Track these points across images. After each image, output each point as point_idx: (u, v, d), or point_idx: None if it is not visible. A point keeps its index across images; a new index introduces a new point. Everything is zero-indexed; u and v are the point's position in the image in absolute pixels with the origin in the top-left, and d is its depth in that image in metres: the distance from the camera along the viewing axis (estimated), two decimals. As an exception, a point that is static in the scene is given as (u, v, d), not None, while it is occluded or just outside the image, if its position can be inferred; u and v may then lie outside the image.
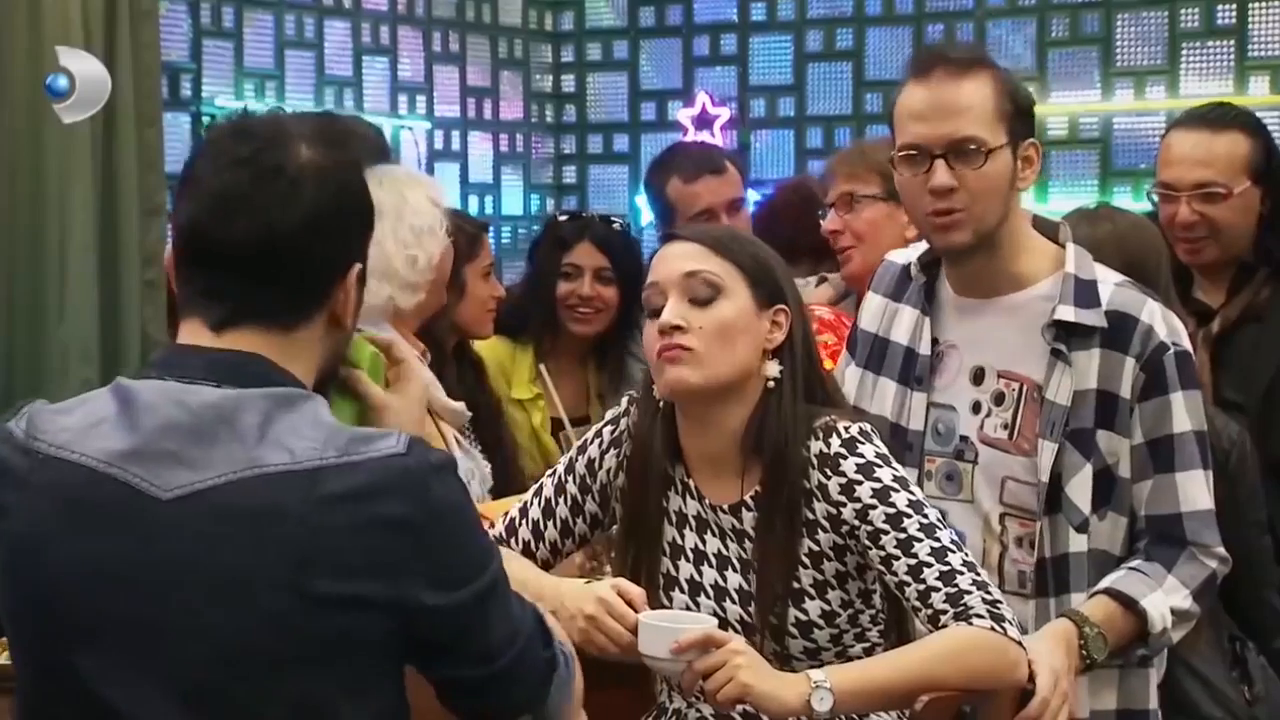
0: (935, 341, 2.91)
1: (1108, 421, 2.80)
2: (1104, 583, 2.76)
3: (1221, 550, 2.83)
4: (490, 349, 4.13)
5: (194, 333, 1.96)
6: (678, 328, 2.55)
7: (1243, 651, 3.28)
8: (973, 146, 2.77)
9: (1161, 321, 2.82)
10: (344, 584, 1.85)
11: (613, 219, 4.40)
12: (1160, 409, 2.81)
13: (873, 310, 3.03)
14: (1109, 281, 2.85)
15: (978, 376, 2.88)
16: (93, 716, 1.88)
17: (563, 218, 4.40)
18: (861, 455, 2.55)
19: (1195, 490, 2.82)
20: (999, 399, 2.86)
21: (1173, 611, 2.75)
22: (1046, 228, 2.92)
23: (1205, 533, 2.82)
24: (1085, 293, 2.82)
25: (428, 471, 1.90)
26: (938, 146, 2.78)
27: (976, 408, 2.87)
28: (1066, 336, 2.81)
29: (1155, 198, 3.80)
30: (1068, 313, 2.80)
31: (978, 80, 2.80)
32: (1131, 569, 2.78)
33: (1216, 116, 3.79)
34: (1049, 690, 2.51)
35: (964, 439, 2.88)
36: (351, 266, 2.00)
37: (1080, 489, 2.80)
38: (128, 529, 1.86)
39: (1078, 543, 2.80)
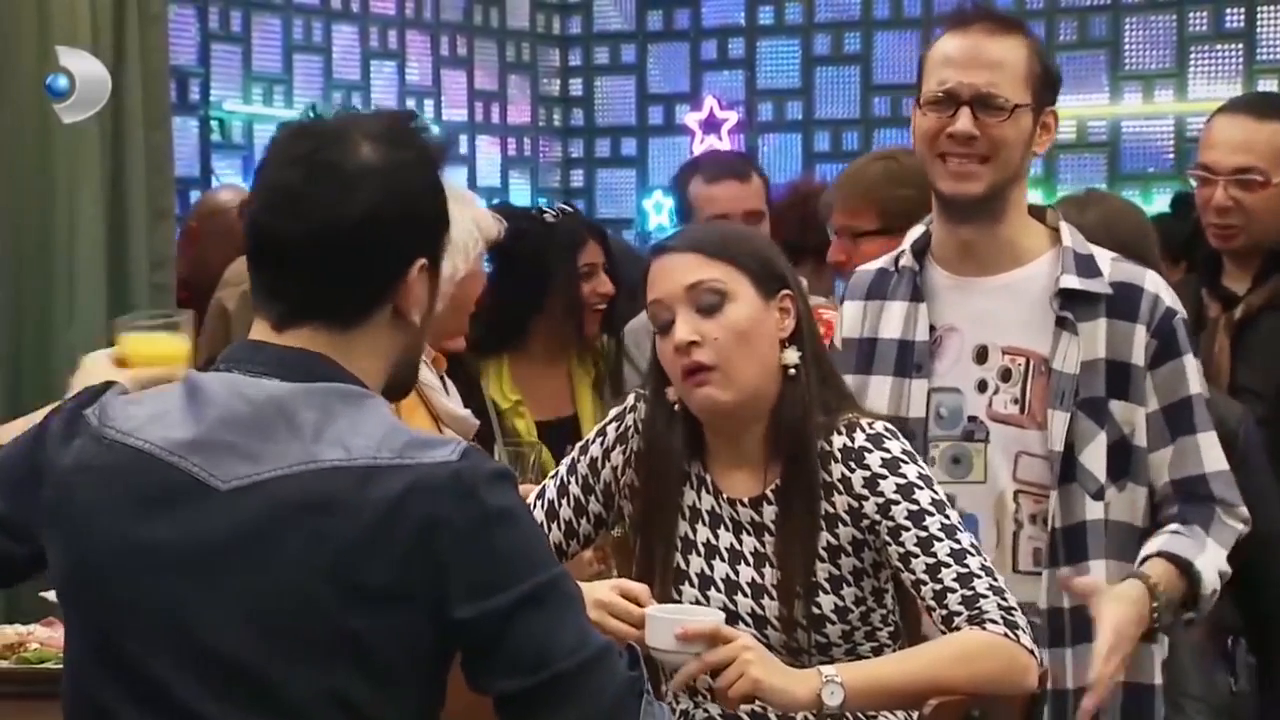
0: (932, 328, 2.92)
1: (1121, 391, 2.82)
2: (1153, 546, 2.76)
3: (1244, 510, 2.84)
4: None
5: (260, 330, 2.00)
6: (694, 343, 2.55)
7: (1233, 648, 3.31)
8: (1001, 100, 2.82)
9: (1164, 290, 2.87)
10: (384, 578, 1.87)
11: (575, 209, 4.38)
12: (1175, 373, 2.84)
13: (851, 318, 3.03)
14: (1105, 256, 2.90)
15: (981, 355, 2.89)
16: (141, 693, 1.91)
17: (547, 216, 4.23)
18: (887, 451, 2.55)
19: (1215, 450, 2.85)
20: (1006, 375, 2.87)
21: (1218, 574, 2.76)
22: (1035, 213, 2.95)
23: (1229, 492, 2.84)
24: (1086, 265, 2.86)
25: (479, 479, 1.90)
26: (966, 94, 2.83)
27: (983, 386, 2.88)
28: (1072, 306, 2.83)
29: (1194, 180, 3.80)
30: (1072, 281, 2.83)
31: (1014, 40, 2.88)
32: (1175, 532, 2.78)
33: (1263, 105, 3.81)
34: (1107, 648, 2.55)
35: (973, 419, 2.89)
36: (414, 262, 1.99)
37: (1095, 457, 2.81)
38: (182, 516, 1.90)
39: (1094, 511, 2.81)
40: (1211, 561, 2.76)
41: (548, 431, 4.10)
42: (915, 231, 2.99)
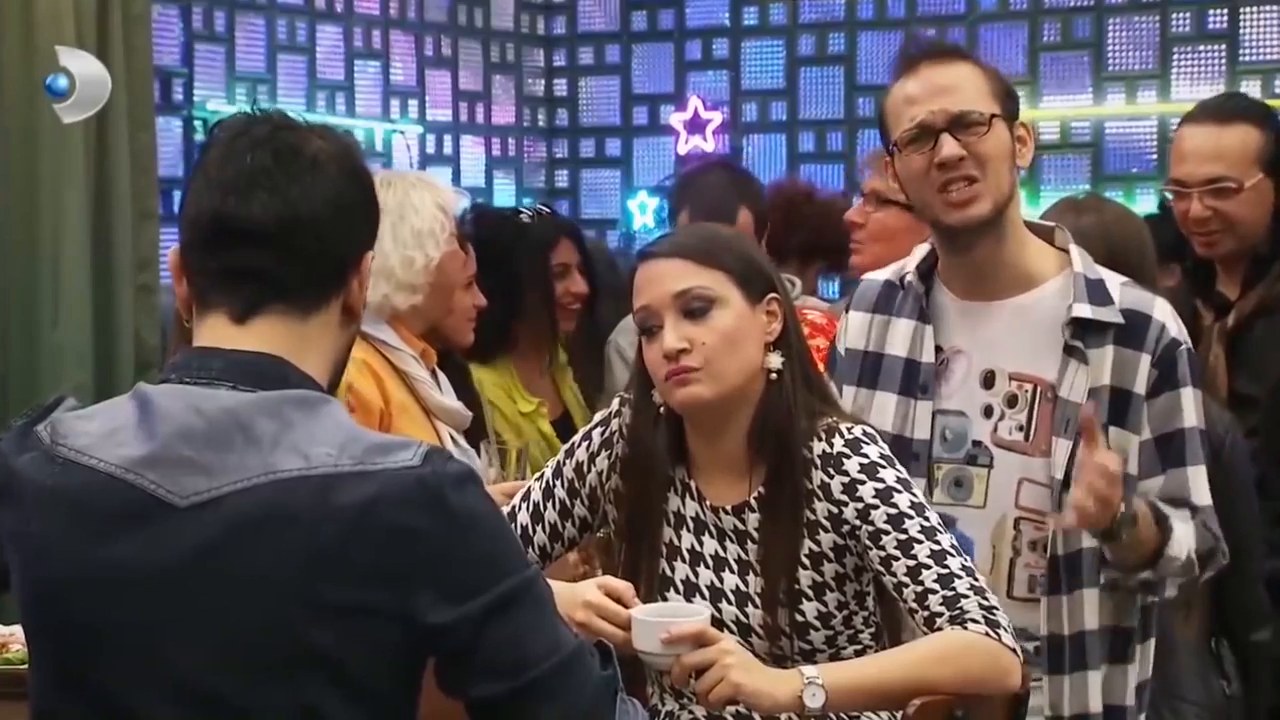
0: (939, 349, 2.92)
1: (1119, 418, 2.82)
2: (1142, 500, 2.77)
3: (1225, 545, 2.86)
4: (486, 376, 4.11)
5: (215, 328, 1.96)
6: (682, 350, 2.55)
7: (1219, 650, 3.32)
8: (975, 115, 2.83)
9: (1172, 319, 2.87)
10: (351, 592, 1.84)
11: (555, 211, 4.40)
12: (1171, 404, 2.84)
13: (856, 328, 3.02)
14: (1115, 281, 2.89)
15: (988, 380, 2.89)
16: (107, 718, 1.88)
17: (524, 216, 4.28)
18: (865, 455, 2.56)
19: (1204, 485, 2.86)
20: (1012, 401, 2.87)
21: (1188, 551, 2.77)
22: (1041, 231, 2.95)
23: (1214, 524, 2.85)
24: (1097, 291, 2.85)
25: (444, 483, 1.88)
26: (940, 122, 2.83)
27: (988, 411, 2.88)
28: (1083, 334, 2.83)
29: (1169, 195, 3.80)
30: (1085, 310, 2.83)
31: (961, 64, 2.90)
32: (1167, 501, 2.81)
33: (1227, 109, 3.79)
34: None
35: (977, 444, 2.88)
36: (365, 253, 2.01)
37: None
38: (141, 535, 1.86)
39: (1090, 539, 2.81)
40: (1187, 534, 2.77)
41: (556, 430, 4.14)
42: (921, 250, 2.98)
